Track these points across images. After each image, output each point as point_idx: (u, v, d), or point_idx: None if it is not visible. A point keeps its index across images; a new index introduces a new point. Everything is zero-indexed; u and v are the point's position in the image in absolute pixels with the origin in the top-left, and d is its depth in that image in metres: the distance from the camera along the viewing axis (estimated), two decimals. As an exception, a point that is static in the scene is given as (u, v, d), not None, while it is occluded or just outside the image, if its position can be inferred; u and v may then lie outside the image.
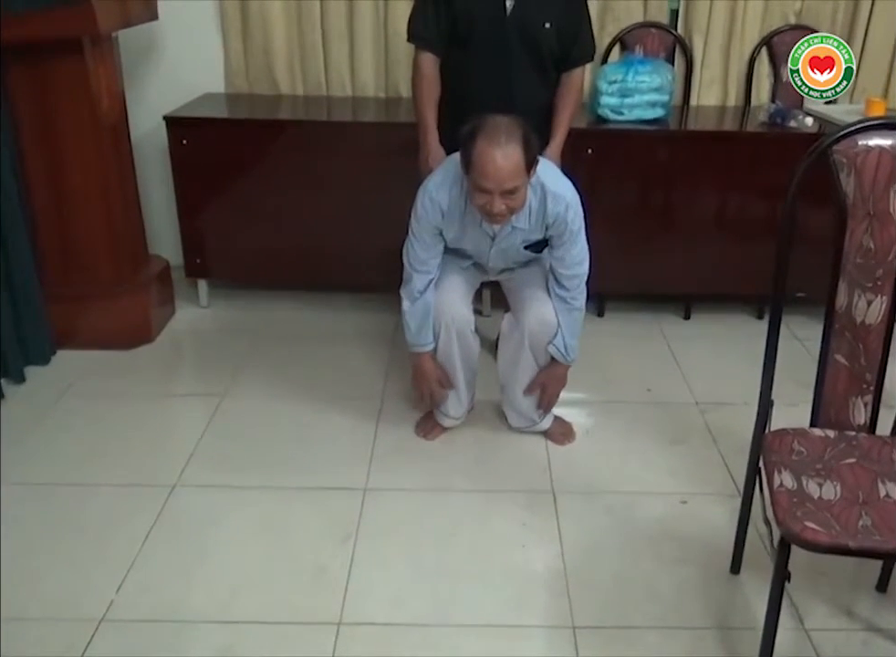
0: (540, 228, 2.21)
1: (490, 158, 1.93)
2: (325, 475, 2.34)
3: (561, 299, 2.31)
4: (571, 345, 2.36)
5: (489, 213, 2.04)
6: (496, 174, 1.94)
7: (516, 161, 1.95)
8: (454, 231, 2.23)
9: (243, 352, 3.03)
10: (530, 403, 2.49)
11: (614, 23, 3.35)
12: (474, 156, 1.96)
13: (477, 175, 1.97)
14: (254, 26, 3.34)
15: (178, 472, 2.33)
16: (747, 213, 3.15)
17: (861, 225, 1.60)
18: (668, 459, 2.45)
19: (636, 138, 3.04)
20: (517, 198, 2.03)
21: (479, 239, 2.26)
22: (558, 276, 2.28)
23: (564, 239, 2.21)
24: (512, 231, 2.21)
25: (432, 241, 2.24)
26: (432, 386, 2.41)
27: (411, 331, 2.34)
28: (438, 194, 2.16)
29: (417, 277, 2.28)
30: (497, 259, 2.35)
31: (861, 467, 1.61)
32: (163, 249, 3.41)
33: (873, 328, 1.67)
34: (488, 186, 1.97)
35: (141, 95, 3.34)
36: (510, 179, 1.96)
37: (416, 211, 2.21)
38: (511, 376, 2.47)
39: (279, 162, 3.11)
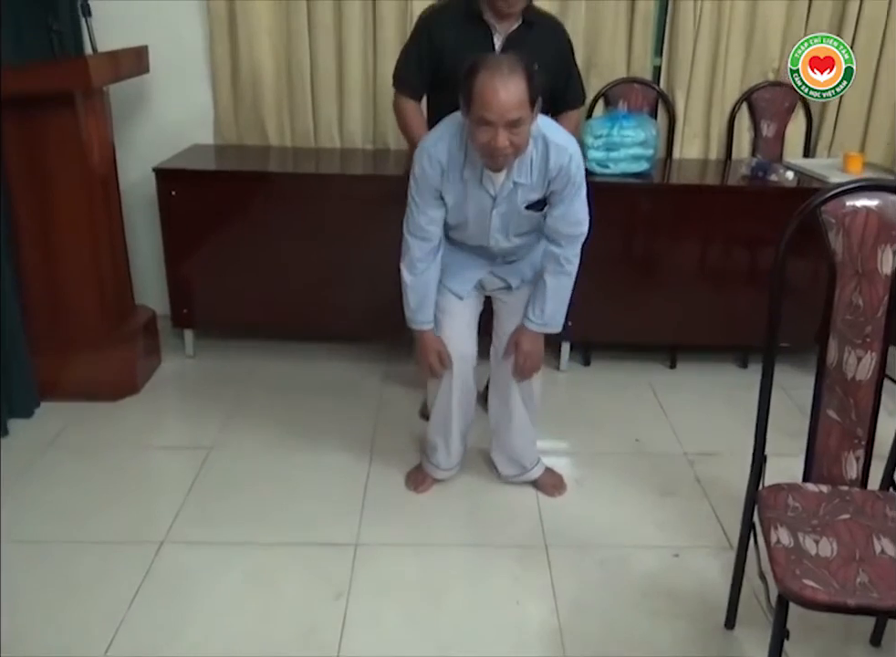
0: (542, 184, 2.13)
1: (492, 88, 1.87)
2: (315, 530, 2.32)
3: (554, 259, 2.23)
4: (551, 311, 2.28)
5: (493, 149, 1.94)
6: (500, 104, 1.87)
7: (520, 92, 1.88)
8: (455, 191, 2.15)
9: (230, 403, 3.01)
10: (522, 445, 2.48)
11: (598, 78, 3.42)
12: (475, 89, 1.89)
13: (480, 107, 1.90)
14: (244, 78, 3.38)
15: (166, 528, 2.30)
16: (730, 265, 3.20)
17: (850, 283, 1.63)
18: (659, 511, 2.45)
19: (622, 190, 3.08)
20: (521, 133, 1.94)
21: (480, 201, 2.16)
22: (555, 235, 2.21)
23: (565, 194, 2.14)
24: (513, 188, 2.12)
25: (432, 205, 2.17)
26: (432, 358, 2.32)
27: (410, 307, 2.29)
28: (436, 149, 2.09)
29: (416, 245, 2.21)
30: (499, 231, 2.24)
31: (856, 523, 1.61)
32: (149, 298, 3.40)
33: (863, 383, 1.69)
34: (491, 117, 1.89)
35: (131, 146, 3.36)
36: (514, 108, 1.89)
37: (414, 172, 2.14)
38: (501, 413, 2.47)
39: (267, 214, 3.12)
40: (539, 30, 2.49)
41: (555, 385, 3.22)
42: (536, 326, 2.30)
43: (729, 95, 3.50)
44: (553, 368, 3.33)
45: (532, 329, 2.30)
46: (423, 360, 2.35)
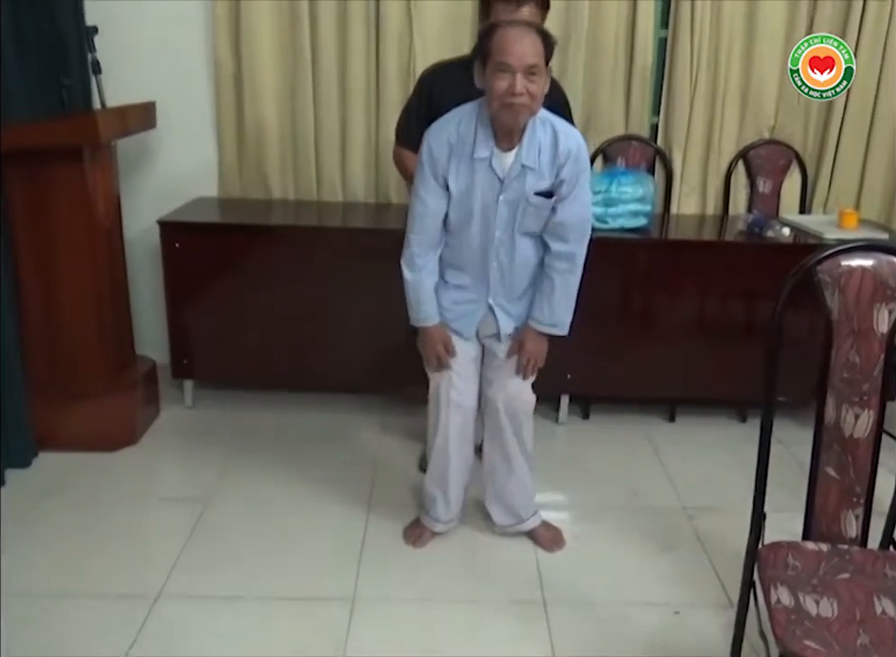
0: (550, 170, 2.13)
1: (511, 36, 1.96)
2: (312, 584, 2.30)
3: (562, 257, 2.22)
4: (560, 311, 2.26)
5: (511, 95, 1.97)
6: (518, 49, 1.95)
7: (536, 43, 1.97)
8: (463, 173, 2.13)
9: (227, 454, 3.01)
10: (518, 493, 2.47)
11: (597, 135, 3.49)
12: (493, 41, 1.98)
13: (498, 54, 1.96)
14: (249, 133, 3.45)
15: (161, 582, 2.28)
16: (727, 319, 3.23)
17: (847, 342, 1.64)
18: (659, 567, 2.43)
19: (620, 245, 3.12)
20: (537, 82, 1.99)
21: (488, 185, 2.14)
22: (564, 231, 2.19)
23: (572, 185, 2.14)
24: (521, 170, 2.12)
25: (434, 194, 2.16)
26: (438, 348, 2.30)
27: (411, 304, 2.29)
28: (446, 128, 2.13)
29: (415, 240, 2.22)
30: (505, 224, 2.19)
31: (856, 583, 1.60)
32: (149, 348, 3.41)
33: (861, 441, 1.69)
34: (510, 61, 1.95)
35: (136, 198, 3.40)
36: (531, 54, 1.96)
37: (421, 157, 2.15)
38: (496, 459, 2.46)
39: (270, 266, 3.16)
40: None
41: (554, 438, 3.23)
42: (543, 326, 2.28)
43: (725, 152, 3.57)
44: (552, 420, 3.34)
45: (538, 329, 2.29)
46: (429, 351, 2.32)
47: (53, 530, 2.51)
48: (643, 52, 3.41)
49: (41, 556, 2.39)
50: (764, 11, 3.36)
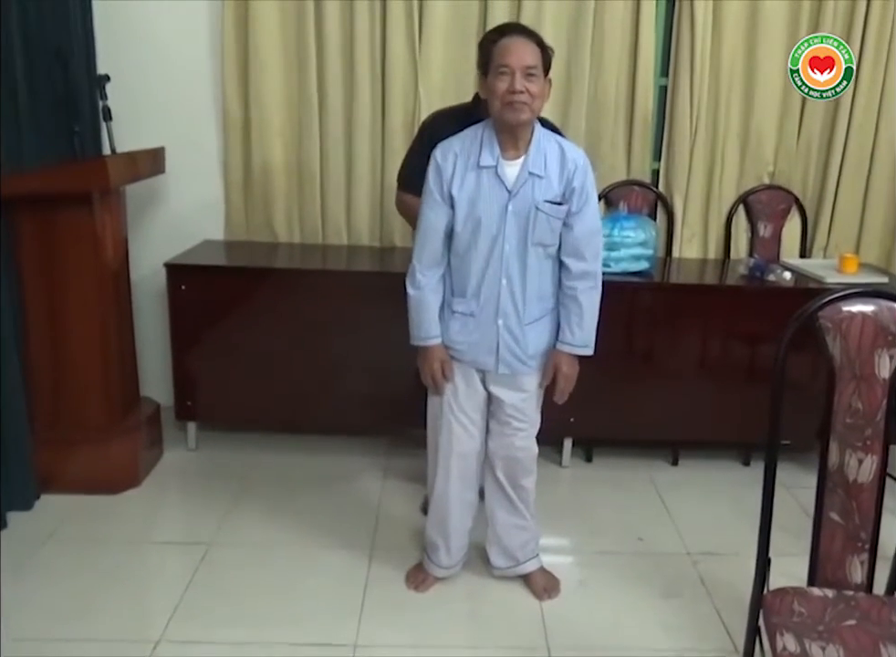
0: (559, 179, 2.15)
1: (511, 41, 2.08)
2: (314, 630, 2.27)
3: (583, 276, 2.22)
4: (588, 331, 2.26)
5: (511, 94, 2.05)
6: (517, 51, 2.06)
7: (535, 49, 2.09)
8: (469, 183, 2.14)
9: (230, 497, 3.00)
10: (517, 537, 2.46)
11: (599, 180, 3.49)
12: (495, 48, 2.09)
13: (499, 57, 2.07)
14: (255, 178, 3.50)
15: (162, 626, 2.26)
16: (730, 363, 3.24)
17: (849, 387, 1.65)
18: (663, 614, 2.41)
19: (623, 289, 3.13)
20: (536, 84, 2.07)
21: (495, 195, 2.14)
22: (580, 250, 2.20)
23: (585, 195, 2.17)
24: (528, 178, 2.13)
25: (438, 208, 2.18)
26: (435, 366, 2.28)
27: (412, 322, 2.28)
28: (451, 143, 2.20)
29: (418, 257, 2.23)
30: (514, 237, 2.16)
31: (862, 629, 1.59)
32: (153, 389, 3.41)
33: (865, 486, 1.69)
34: (510, 61, 2.05)
35: (143, 241, 3.44)
36: (530, 56, 2.06)
37: (428, 171, 2.21)
38: (496, 505, 2.45)
39: (275, 309, 3.18)
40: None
41: (557, 481, 3.22)
42: (574, 348, 2.27)
43: (726, 197, 3.61)
44: (555, 464, 3.33)
45: (569, 352, 2.28)
46: (426, 371, 2.30)
47: (54, 573, 2.50)
48: (644, 100, 3.47)
49: (42, 599, 2.37)
50: (762, 59, 3.43)
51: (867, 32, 3.38)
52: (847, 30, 3.38)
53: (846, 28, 3.38)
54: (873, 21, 3.37)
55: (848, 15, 3.39)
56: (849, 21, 3.39)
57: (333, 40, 3.35)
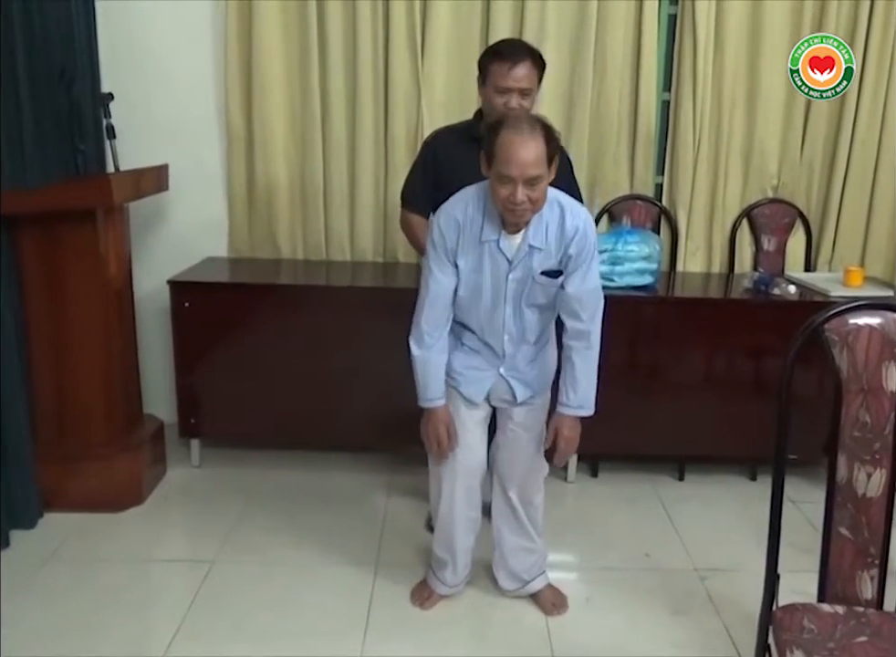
0: (558, 249, 2.15)
1: (513, 145, 1.96)
2: (319, 648, 2.26)
3: (578, 335, 2.21)
4: (585, 392, 2.23)
5: (512, 204, 2.00)
6: (520, 161, 1.95)
7: (539, 150, 1.97)
8: (471, 254, 2.15)
9: (233, 514, 2.98)
10: (524, 561, 2.45)
11: (602, 195, 3.54)
12: (496, 146, 1.98)
13: (500, 164, 1.98)
14: (259, 194, 3.50)
15: (166, 644, 2.25)
16: (735, 377, 3.22)
17: (857, 400, 1.64)
18: (671, 630, 2.38)
19: (627, 303, 3.13)
20: (539, 189, 2.01)
21: (496, 264, 2.16)
22: (576, 309, 2.18)
23: (582, 258, 2.14)
24: (529, 251, 2.13)
25: (445, 271, 2.18)
26: (440, 431, 2.27)
27: (418, 383, 2.26)
28: (454, 210, 2.15)
29: (425, 316, 2.21)
30: (513, 303, 2.21)
31: (873, 646, 1.57)
32: (156, 407, 3.41)
33: (875, 500, 1.67)
34: (512, 173, 1.96)
35: (147, 258, 3.45)
36: (533, 166, 1.96)
37: (432, 236, 2.17)
38: (503, 527, 2.44)
39: (278, 325, 3.18)
40: None
41: (563, 497, 3.20)
42: (571, 409, 2.25)
43: (730, 211, 3.61)
44: (561, 479, 3.31)
45: (568, 414, 2.25)
46: (430, 434, 2.29)
47: (57, 591, 2.49)
48: (647, 115, 3.47)
49: (45, 617, 2.36)
50: (764, 73, 3.43)
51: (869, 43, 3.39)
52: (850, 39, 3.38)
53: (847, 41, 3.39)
54: (875, 33, 3.38)
55: (850, 22, 3.39)
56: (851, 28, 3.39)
57: (335, 57, 3.36)
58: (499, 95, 2.43)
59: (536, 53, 2.46)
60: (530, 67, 2.42)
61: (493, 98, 2.45)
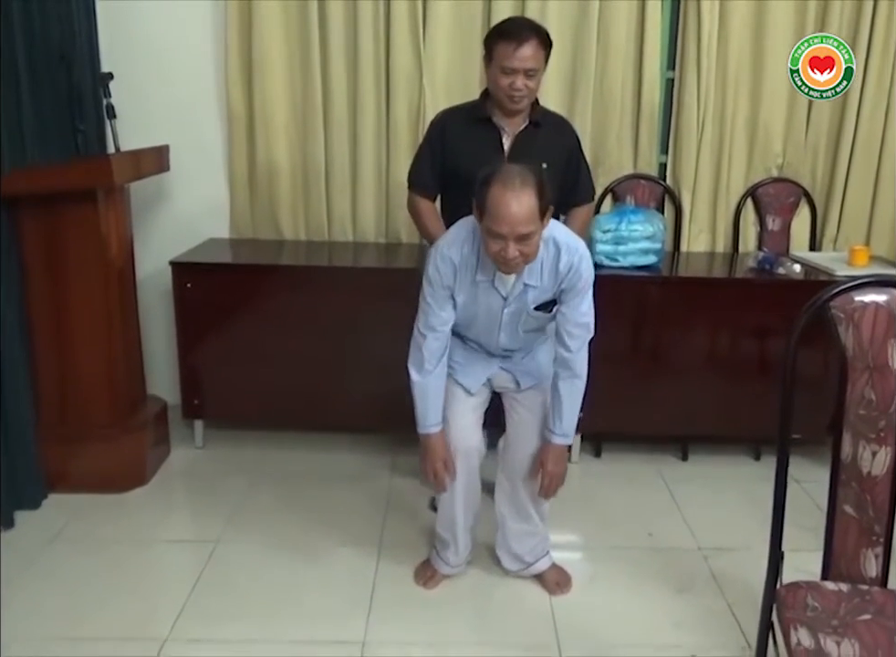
0: (552, 285, 2.18)
1: (504, 203, 1.94)
2: (322, 628, 2.26)
3: (564, 364, 2.24)
4: (568, 421, 2.28)
5: (504, 259, 2.01)
6: (511, 219, 1.94)
7: (530, 207, 1.95)
8: (466, 291, 2.19)
9: (237, 495, 2.99)
10: (527, 544, 2.45)
11: (606, 175, 3.51)
12: (488, 202, 1.97)
13: (491, 221, 1.97)
14: (260, 175, 3.48)
15: (169, 624, 2.25)
16: (739, 356, 3.21)
17: (862, 378, 1.62)
18: (674, 610, 2.38)
19: (630, 283, 3.12)
20: (531, 244, 2.01)
21: (491, 301, 2.21)
22: (565, 333, 2.22)
23: (575, 293, 2.18)
24: (524, 289, 2.17)
25: (444, 306, 2.21)
26: (437, 465, 2.30)
27: (417, 409, 2.28)
28: (450, 251, 2.15)
29: (426, 345, 2.23)
30: (508, 328, 2.28)
31: (877, 624, 1.57)
32: (160, 388, 3.41)
33: (879, 479, 1.66)
34: (502, 231, 1.96)
35: (148, 238, 3.44)
36: (524, 224, 1.95)
37: (428, 273, 2.19)
38: (508, 512, 2.45)
39: (280, 306, 3.17)
40: (547, 129, 2.57)
41: (566, 477, 3.18)
42: (557, 437, 2.29)
43: (734, 190, 3.58)
44: (564, 460, 3.31)
45: (555, 442, 2.29)
46: (428, 468, 2.33)
47: (62, 572, 2.50)
48: (650, 93, 3.44)
49: (50, 598, 2.36)
50: (769, 51, 3.39)
51: (875, 21, 3.34)
52: (855, 20, 3.35)
53: (854, 18, 3.35)
54: (882, 11, 3.33)
55: (855, 10, 3.35)
56: (857, 12, 3.35)
57: (336, 35, 3.33)
58: (504, 75, 2.41)
59: (542, 32, 2.43)
60: (536, 47, 2.39)
61: (498, 78, 2.43)
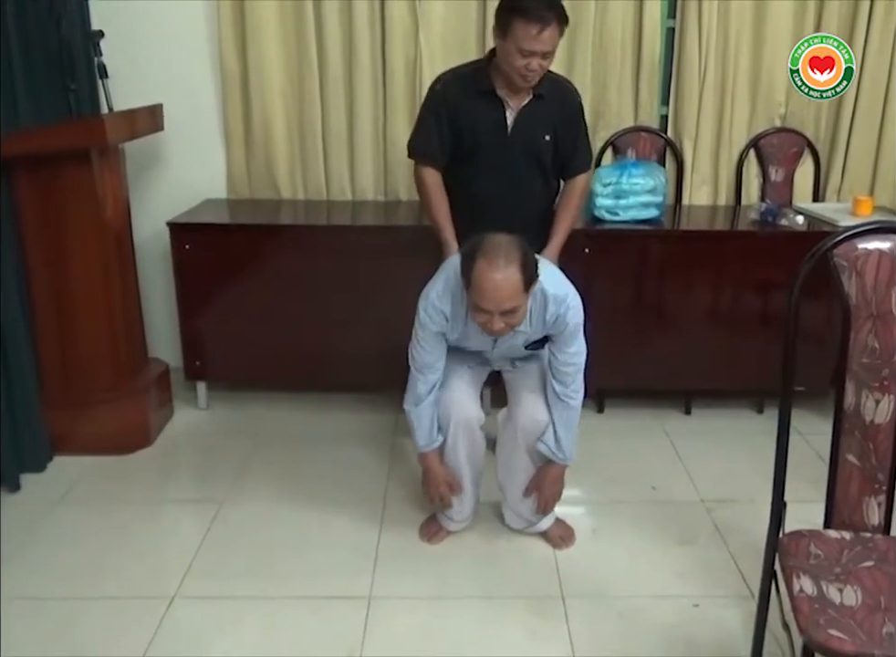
0: (541, 329, 2.24)
1: (489, 280, 1.96)
2: (328, 583, 2.28)
3: (557, 396, 2.31)
4: (565, 443, 2.34)
5: (489, 330, 2.07)
6: (495, 296, 1.97)
7: (515, 283, 1.97)
8: (458, 332, 2.26)
9: (242, 455, 3.00)
10: (528, 504, 2.46)
11: (606, 128, 3.46)
12: (473, 276, 1.99)
13: (477, 297, 2.00)
14: (256, 135, 3.44)
15: (177, 582, 2.27)
16: (742, 309, 3.20)
17: (865, 326, 1.61)
18: (677, 560, 2.40)
19: (632, 237, 3.10)
20: (517, 316, 2.05)
21: (482, 341, 2.29)
22: (555, 371, 2.29)
23: (562, 339, 2.24)
24: (514, 334, 2.21)
25: (436, 345, 2.27)
26: (442, 489, 2.38)
27: (416, 433, 2.34)
28: (441, 302, 2.19)
29: (422, 381, 2.30)
30: (500, 356, 2.40)
31: (880, 571, 1.58)
32: (162, 351, 3.41)
33: (882, 427, 1.66)
34: (488, 308, 1.99)
35: (145, 201, 3.40)
36: (509, 300, 1.99)
37: (420, 319, 2.22)
38: (508, 475, 2.46)
39: (280, 266, 3.15)
40: (550, 101, 2.52)
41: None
42: (557, 458, 2.36)
43: (736, 141, 3.53)
44: (567, 415, 3.31)
45: (553, 462, 2.37)
46: (433, 492, 2.40)
47: (69, 533, 2.51)
48: (651, 43, 3.38)
49: (57, 559, 2.38)
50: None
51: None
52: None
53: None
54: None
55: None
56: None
57: (330, -10, 3.27)
58: (521, 57, 2.33)
59: (562, 13, 2.34)
60: (555, 29, 2.32)
61: (514, 57, 2.33)
